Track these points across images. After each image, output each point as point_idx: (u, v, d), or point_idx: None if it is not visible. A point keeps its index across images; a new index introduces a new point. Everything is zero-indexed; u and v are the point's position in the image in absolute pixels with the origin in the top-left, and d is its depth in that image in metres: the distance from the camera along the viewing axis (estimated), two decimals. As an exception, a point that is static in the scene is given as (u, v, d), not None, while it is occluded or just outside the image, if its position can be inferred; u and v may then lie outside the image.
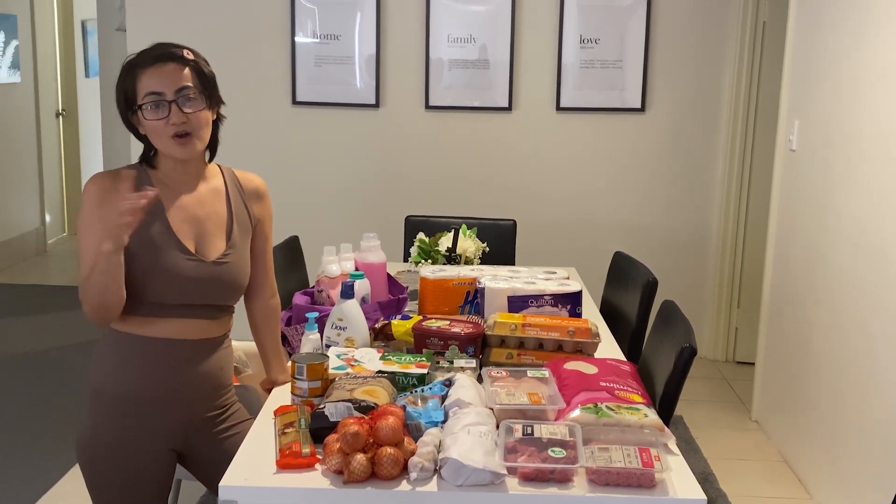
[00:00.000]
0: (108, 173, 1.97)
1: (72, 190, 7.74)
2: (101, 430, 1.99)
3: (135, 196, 1.77)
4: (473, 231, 3.24)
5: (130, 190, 1.88)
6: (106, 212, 1.80)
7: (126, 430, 1.98)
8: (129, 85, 1.92)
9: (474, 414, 1.80)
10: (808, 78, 3.61)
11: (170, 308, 1.95)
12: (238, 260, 2.04)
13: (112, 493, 2.01)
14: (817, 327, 3.35)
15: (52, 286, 6.15)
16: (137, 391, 1.98)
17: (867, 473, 2.86)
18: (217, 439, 2.08)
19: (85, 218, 1.92)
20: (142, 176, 1.97)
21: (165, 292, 1.94)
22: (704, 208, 4.80)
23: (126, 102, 1.94)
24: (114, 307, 1.89)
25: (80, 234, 1.92)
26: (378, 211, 4.79)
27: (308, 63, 4.71)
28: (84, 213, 1.92)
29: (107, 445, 1.98)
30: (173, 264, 1.93)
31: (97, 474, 2.01)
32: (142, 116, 1.92)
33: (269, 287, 2.23)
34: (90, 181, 1.94)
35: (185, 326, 1.98)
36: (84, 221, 1.92)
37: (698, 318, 4.82)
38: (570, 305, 2.43)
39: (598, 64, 4.64)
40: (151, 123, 1.91)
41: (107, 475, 2.00)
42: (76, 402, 4.09)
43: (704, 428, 3.94)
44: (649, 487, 1.68)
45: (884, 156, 2.85)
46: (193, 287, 1.96)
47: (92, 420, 2.01)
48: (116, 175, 1.96)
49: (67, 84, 7.64)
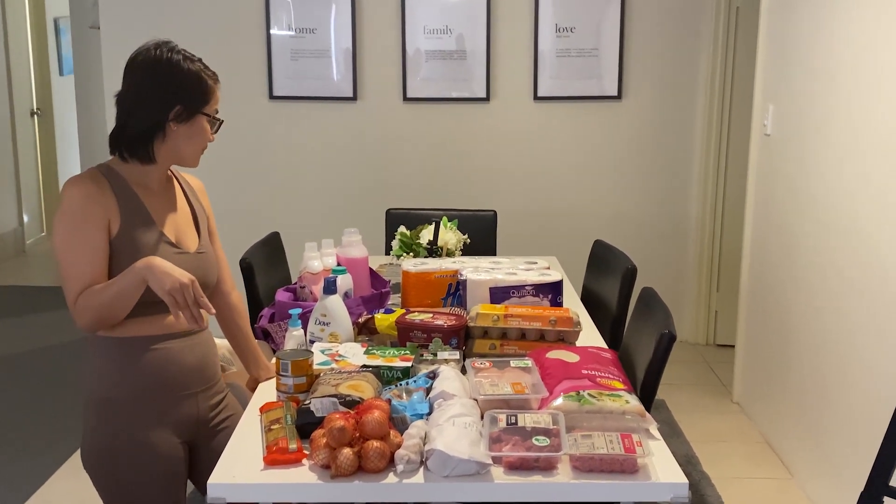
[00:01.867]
0: (89, 178, 1.94)
1: (49, 189, 7.68)
2: (118, 437, 1.96)
3: (193, 294, 1.82)
4: (454, 223, 3.26)
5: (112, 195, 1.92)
6: (171, 276, 1.81)
7: (143, 432, 1.97)
8: (205, 89, 1.98)
9: (459, 405, 1.83)
10: (782, 62, 3.64)
11: (162, 304, 1.94)
12: (210, 250, 2.11)
13: (133, 497, 1.99)
14: (795, 309, 3.40)
15: (32, 287, 6.12)
16: (149, 391, 1.98)
17: (847, 453, 2.91)
18: (216, 430, 2.11)
19: (69, 225, 1.89)
20: (116, 180, 1.96)
21: None
22: (682, 194, 4.83)
23: (192, 101, 1.96)
24: (118, 320, 1.92)
25: (64, 241, 1.88)
26: (359, 205, 4.79)
27: (284, 57, 4.70)
28: (66, 219, 1.89)
29: (125, 452, 1.96)
30: (162, 257, 1.93)
31: (115, 482, 1.99)
32: (204, 123, 1.99)
33: (225, 282, 2.24)
34: (72, 186, 1.91)
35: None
36: (69, 229, 1.88)
37: (678, 302, 4.87)
38: (551, 295, 2.46)
39: (574, 52, 4.66)
40: (206, 134, 2.01)
41: (127, 481, 1.98)
42: (57, 403, 4.08)
43: (687, 411, 3.99)
44: (632, 473, 1.70)
45: (856, 139, 2.89)
46: None
47: (104, 429, 1.97)
48: (95, 179, 1.94)
49: (42, 83, 7.57)
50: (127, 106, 1.97)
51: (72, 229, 1.89)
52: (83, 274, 1.87)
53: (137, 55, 1.98)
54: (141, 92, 1.96)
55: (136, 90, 1.96)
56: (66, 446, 3.61)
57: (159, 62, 1.95)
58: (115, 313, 1.90)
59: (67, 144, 7.84)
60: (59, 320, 5.27)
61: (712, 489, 3.25)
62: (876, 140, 2.75)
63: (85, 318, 1.88)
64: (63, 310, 1.91)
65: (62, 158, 7.82)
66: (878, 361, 2.70)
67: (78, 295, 1.87)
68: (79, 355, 4.72)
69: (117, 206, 1.93)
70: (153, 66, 1.95)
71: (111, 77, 4.67)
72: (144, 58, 1.96)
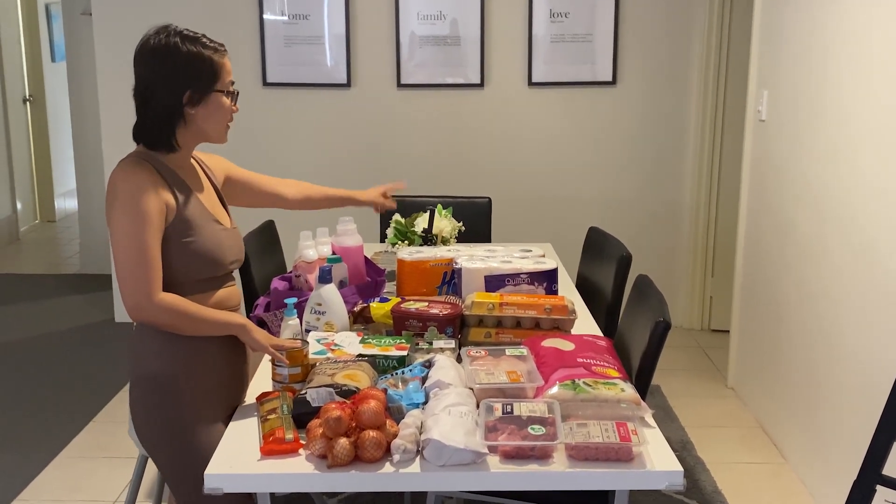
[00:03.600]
0: (138, 167, 1.92)
1: (42, 176, 7.65)
2: (172, 412, 1.97)
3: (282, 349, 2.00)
4: (449, 210, 3.26)
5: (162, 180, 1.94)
6: (260, 345, 2.00)
7: (195, 407, 1.99)
8: (210, 67, 1.96)
9: (454, 394, 1.83)
10: (777, 48, 3.64)
11: (213, 280, 2.03)
12: (238, 228, 2.17)
13: (200, 464, 1.87)
14: (789, 295, 3.41)
15: (27, 275, 6.10)
16: (216, 365, 2.02)
17: (840, 437, 2.93)
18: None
19: (135, 219, 1.87)
20: (158, 165, 1.96)
21: (212, 266, 2.00)
22: (677, 179, 4.84)
23: (201, 82, 1.95)
24: (183, 334, 1.99)
25: (131, 236, 1.86)
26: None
27: (278, 44, 4.68)
28: (130, 212, 1.87)
29: (180, 427, 1.97)
30: (215, 234, 2.01)
31: (170, 457, 2.00)
32: (220, 99, 1.98)
33: (277, 183, 2.48)
34: (125, 178, 1.89)
35: (229, 293, 2.09)
36: (136, 223, 1.87)
37: (673, 288, 4.88)
38: (546, 283, 2.46)
39: (568, 37, 4.65)
40: (226, 109, 2.01)
41: (196, 453, 1.95)
42: (52, 393, 4.08)
43: (681, 396, 4.01)
44: (627, 461, 1.71)
45: (851, 125, 2.89)
46: (230, 255, 2.05)
47: (158, 405, 1.98)
48: (143, 167, 1.93)
49: (34, 69, 7.53)
50: (140, 100, 1.96)
51: (139, 224, 1.87)
52: (157, 269, 1.89)
53: (140, 46, 1.96)
54: (149, 84, 1.94)
55: (144, 83, 1.95)
56: (62, 436, 3.62)
57: (159, 50, 1.94)
58: (188, 330, 1.95)
59: (60, 131, 7.80)
60: (53, 308, 5.26)
61: (707, 474, 3.27)
62: (870, 126, 2.76)
63: (161, 318, 1.91)
64: (57, 298, 1.91)
65: (55, 145, 7.79)
66: (872, 346, 2.71)
67: (154, 291, 1.88)
68: (73, 343, 4.72)
69: (170, 191, 1.95)
70: (154, 55, 1.94)
71: (103, 63, 4.64)
72: (145, 48, 1.95)
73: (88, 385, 4.15)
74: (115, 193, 1.89)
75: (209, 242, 1.99)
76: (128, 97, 2.01)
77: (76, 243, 6.77)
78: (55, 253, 6.77)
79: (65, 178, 7.90)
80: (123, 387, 4.08)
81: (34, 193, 7.61)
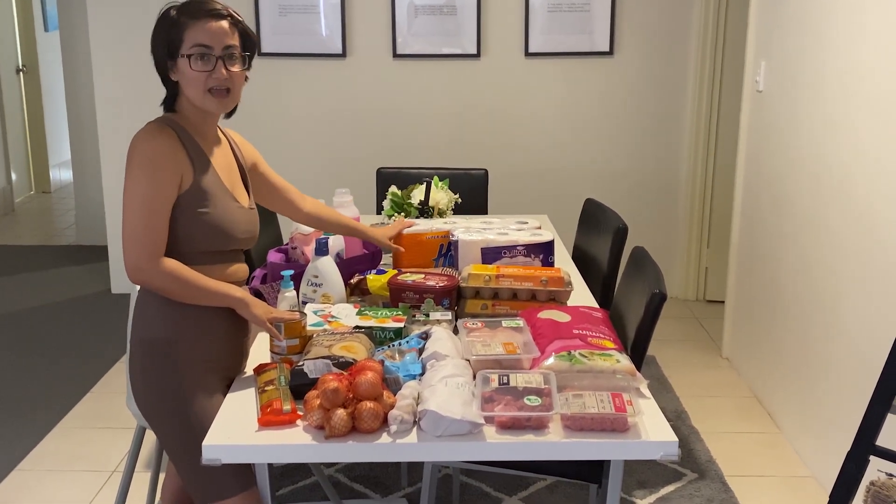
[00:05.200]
0: (158, 131, 1.94)
1: (37, 147, 7.62)
2: (172, 378, 1.98)
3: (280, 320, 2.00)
4: (445, 182, 3.25)
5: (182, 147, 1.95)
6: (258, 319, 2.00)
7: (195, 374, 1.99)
8: (176, 33, 1.95)
9: (451, 366, 1.84)
10: (775, 18, 3.62)
11: (220, 255, 2.04)
12: (256, 209, 2.16)
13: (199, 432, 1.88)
14: (785, 265, 3.42)
15: (22, 246, 6.09)
16: (218, 335, 2.03)
17: (834, 407, 2.95)
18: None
19: (148, 182, 1.89)
20: (180, 131, 1.98)
21: (220, 240, 2.01)
22: (674, 150, 4.83)
23: (168, 48, 1.96)
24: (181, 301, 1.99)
25: (141, 197, 1.89)
26: (349, 164, 4.77)
27: (272, 13, 4.64)
28: (143, 175, 1.90)
29: (179, 393, 1.97)
30: (228, 209, 2.01)
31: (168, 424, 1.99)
32: (185, 65, 1.95)
33: (296, 193, 2.40)
34: (145, 140, 1.91)
35: (235, 269, 2.08)
36: (148, 186, 1.89)
37: (669, 259, 4.89)
38: (542, 255, 2.47)
39: (565, 7, 4.61)
40: (194, 74, 1.95)
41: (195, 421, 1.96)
42: (48, 363, 4.09)
43: (676, 367, 4.03)
44: (623, 431, 1.73)
45: (848, 96, 2.89)
46: (240, 232, 2.05)
47: (157, 370, 1.99)
48: (164, 132, 1.95)
49: (27, 39, 7.47)
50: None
51: (152, 188, 1.90)
52: (163, 235, 1.91)
53: None
54: (151, 50, 2.01)
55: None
56: (60, 406, 3.64)
57: (159, 16, 1.99)
58: (185, 297, 1.95)
59: (54, 101, 7.75)
60: (49, 279, 5.26)
61: (701, 444, 3.29)
62: (868, 97, 2.75)
63: (158, 281, 1.92)
64: (52, 269, 1.91)
65: (49, 115, 7.74)
66: (867, 318, 2.72)
67: (155, 254, 1.90)
68: (69, 315, 4.72)
69: (188, 159, 1.96)
70: (153, 28, 1.99)
71: (97, 32, 4.59)
72: None
73: (85, 356, 4.16)
74: (133, 155, 1.92)
75: (221, 216, 1.99)
76: (121, 66, 2.02)
77: (71, 214, 6.76)
78: (51, 224, 6.76)
79: (60, 148, 7.86)
80: (121, 357, 4.09)
81: (29, 164, 7.57)
